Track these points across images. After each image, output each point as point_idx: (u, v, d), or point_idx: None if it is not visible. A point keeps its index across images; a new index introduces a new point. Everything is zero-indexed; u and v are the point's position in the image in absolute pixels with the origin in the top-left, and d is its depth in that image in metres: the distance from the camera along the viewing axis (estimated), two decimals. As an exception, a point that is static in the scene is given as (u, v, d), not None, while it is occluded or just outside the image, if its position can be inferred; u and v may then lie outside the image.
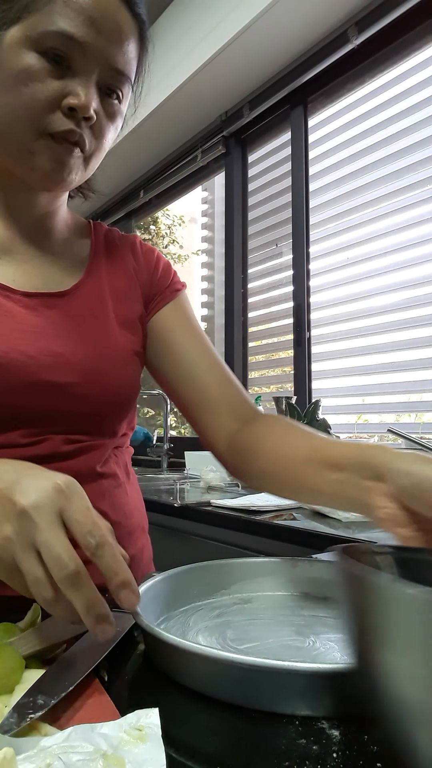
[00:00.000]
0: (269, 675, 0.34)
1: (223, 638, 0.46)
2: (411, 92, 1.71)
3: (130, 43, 0.60)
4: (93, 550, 0.38)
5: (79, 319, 0.66)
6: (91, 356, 0.65)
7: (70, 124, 0.58)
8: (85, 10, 0.56)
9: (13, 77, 0.56)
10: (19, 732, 0.31)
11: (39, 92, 0.56)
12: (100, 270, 0.72)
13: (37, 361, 0.61)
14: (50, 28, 0.56)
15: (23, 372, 0.60)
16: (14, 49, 0.56)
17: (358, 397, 1.87)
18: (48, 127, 0.57)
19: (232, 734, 0.32)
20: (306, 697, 0.34)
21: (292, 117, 2.14)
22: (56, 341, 0.63)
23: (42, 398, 0.61)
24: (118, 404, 0.68)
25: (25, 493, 0.39)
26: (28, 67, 0.56)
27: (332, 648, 0.44)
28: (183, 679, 0.38)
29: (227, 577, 0.57)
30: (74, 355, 0.63)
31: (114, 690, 0.37)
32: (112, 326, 0.69)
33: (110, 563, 0.38)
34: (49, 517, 0.38)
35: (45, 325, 0.63)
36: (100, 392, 0.65)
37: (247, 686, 0.35)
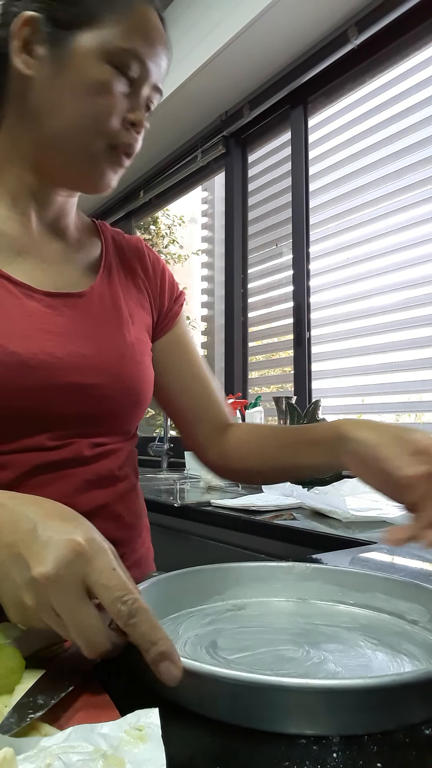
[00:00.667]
0: (253, 690, 0.32)
1: (213, 648, 0.44)
2: (411, 92, 1.71)
3: (166, 62, 0.66)
4: (126, 619, 0.34)
5: (98, 320, 0.66)
6: (112, 357, 0.65)
7: (131, 138, 0.63)
8: (148, 31, 0.62)
9: (88, 86, 0.60)
10: (19, 732, 0.30)
11: (111, 105, 0.60)
12: (112, 273, 0.72)
13: (64, 362, 0.60)
14: (125, 46, 0.60)
15: (51, 374, 0.59)
16: (89, 59, 0.59)
17: (358, 397, 1.87)
18: (113, 138, 0.62)
19: (233, 734, 0.32)
20: (294, 715, 0.32)
21: (292, 117, 2.14)
22: (79, 342, 0.63)
23: (69, 400, 0.61)
24: (138, 404, 0.69)
25: (43, 559, 0.34)
26: (104, 80, 0.60)
27: (326, 659, 0.42)
28: (165, 693, 0.36)
29: (221, 582, 0.54)
30: (97, 356, 0.63)
31: (114, 690, 0.37)
32: (127, 328, 0.69)
33: (147, 632, 0.34)
34: (73, 589, 0.34)
35: (68, 325, 0.63)
36: (122, 393, 0.66)
37: (231, 702, 0.33)
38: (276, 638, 0.46)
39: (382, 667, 0.41)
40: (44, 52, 0.60)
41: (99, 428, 0.65)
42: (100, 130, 0.61)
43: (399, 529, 0.49)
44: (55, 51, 0.60)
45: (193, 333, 2.82)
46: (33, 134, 0.63)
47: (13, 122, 0.63)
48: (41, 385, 0.59)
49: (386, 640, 0.45)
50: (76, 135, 0.61)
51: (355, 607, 0.52)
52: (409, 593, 0.50)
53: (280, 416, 1.74)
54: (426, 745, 0.31)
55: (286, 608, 0.53)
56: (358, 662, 0.42)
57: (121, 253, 0.76)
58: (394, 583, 0.52)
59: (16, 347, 0.57)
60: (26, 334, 0.59)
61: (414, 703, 0.33)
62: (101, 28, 0.60)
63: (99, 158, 0.62)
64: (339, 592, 0.54)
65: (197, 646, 0.44)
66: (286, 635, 0.47)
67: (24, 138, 0.63)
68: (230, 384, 2.37)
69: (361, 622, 0.50)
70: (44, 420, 0.60)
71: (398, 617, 0.50)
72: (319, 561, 0.77)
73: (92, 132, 0.61)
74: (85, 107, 0.60)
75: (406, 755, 0.30)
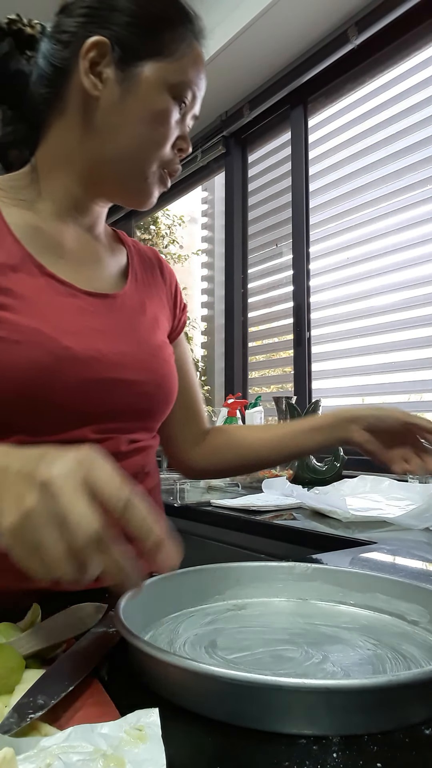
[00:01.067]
0: (252, 690, 0.32)
1: (213, 647, 0.44)
2: (411, 92, 1.71)
3: None
4: (121, 511, 0.36)
5: (132, 320, 0.71)
6: (147, 355, 0.69)
7: (177, 162, 0.70)
8: (199, 65, 0.68)
9: (152, 114, 0.65)
10: (19, 732, 0.31)
11: (168, 133, 0.67)
12: (138, 279, 0.77)
13: (108, 358, 0.64)
14: (185, 80, 0.66)
15: (98, 369, 0.62)
16: (155, 88, 0.65)
17: (358, 397, 1.87)
18: (165, 163, 0.69)
19: (233, 734, 0.32)
20: (293, 715, 0.32)
21: (292, 117, 2.14)
22: (120, 340, 0.66)
23: (112, 395, 0.64)
24: (168, 401, 0.73)
25: (48, 466, 0.37)
26: (167, 110, 0.66)
27: (326, 659, 0.42)
28: (163, 692, 0.36)
29: (221, 582, 0.54)
30: (135, 353, 0.67)
31: (114, 690, 0.37)
32: (154, 330, 0.74)
33: (140, 523, 0.36)
34: (72, 483, 0.36)
35: (107, 324, 0.67)
36: (157, 390, 0.70)
37: (230, 702, 0.33)
38: (276, 638, 0.46)
39: (382, 667, 0.41)
40: (111, 76, 0.65)
41: (135, 424, 0.69)
42: (156, 154, 0.67)
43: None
44: (123, 76, 0.65)
45: (193, 333, 2.82)
46: (89, 149, 0.67)
47: (68, 134, 0.67)
48: (90, 379, 0.62)
49: (386, 641, 0.45)
50: (135, 156, 0.66)
51: (356, 608, 0.52)
52: (410, 594, 0.50)
53: (280, 416, 1.74)
54: (426, 745, 0.31)
55: (287, 608, 0.53)
56: (358, 663, 0.42)
57: (142, 261, 0.81)
58: (394, 583, 0.52)
59: (68, 342, 0.60)
60: (75, 330, 0.62)
61: (414, 703, 0.33)
62: (167, 61, 0.66)
63: (150, 179, 0.68)
64: (339, 593, 0.54)
65: (197, 645, 0.44)
66: (286, 635, 0.47)
67: (77, 150, 0.67)
68: (230, 384, 2.37)
69: (362, 622, 0.50)
70: (90, 413, 0.63)
71: (399, 618, 0.50)
72: (319, 561, 0.77)
73: (149, 155, 0.67)
74: (146, 132, 0.66)
75: (406, 755, 0.30)
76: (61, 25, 0.67)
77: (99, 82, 0.65)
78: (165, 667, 0.35)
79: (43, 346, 0.58)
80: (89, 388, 0.62)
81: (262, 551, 1.15)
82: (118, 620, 0.40)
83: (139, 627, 0.44)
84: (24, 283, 0.61)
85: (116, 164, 0.67)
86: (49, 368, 0.58)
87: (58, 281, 0.64)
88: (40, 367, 0.58)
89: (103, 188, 0.70)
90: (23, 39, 0.69)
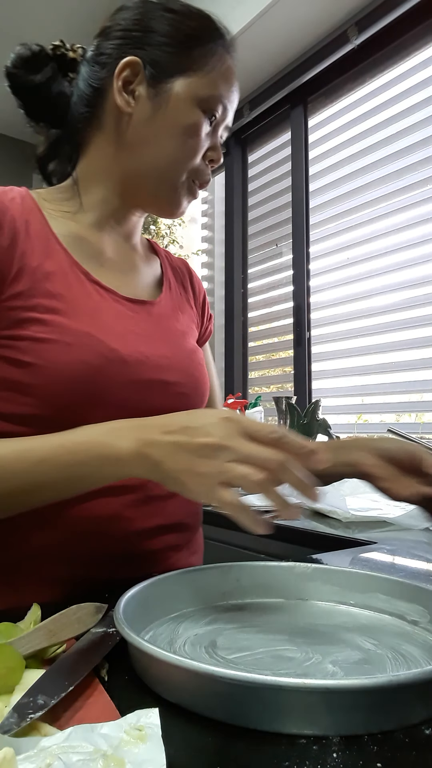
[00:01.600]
0: (251, 690, 0.32)
1: (213, 647, 0.44)
2: (411, 92, 1.71)
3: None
4: (279, 442, 0.46)
5: (168, 326, 0.74)
6: (184, 359, 0.73)
7: (208, 173, 0.73)
8: (231, 79, 0.70)
9: (182, 128, 0.68)
10: (19, 732, 0.30)
11: (198, 146, 0.70)
12: (171, 288, 0.81)
13: (151, 361, 0.68)
14: (215, 93, 0.69)
15: (143, 370, 0.66)
16: (185, 103, 0.68)
17: (358, 397, 1.87)
18: (196, 174, 0.72)
19: (233, 734, 0.32)
20: (293, 715, 0.32)
21: (292, 117, 2.14)
22: (159, 344, 0.70)
23: (155, 395, 0.68)
24: (203, 403, 0.76)
25: (208, 433, 0.46)
26: (197, 124, 0.68)
27: (325, 659, 0.42)
28: (162, 692, 0.36)
29: (222, 582, 0.55)
30: (174, 357, 0.71)
31: (114, 690, 0.37)
32: (186, 335, 0.77)
33: (295, 443, 0.46)
34: (238, 438, 0.46)
35: (148, 328, 0.70)
36: (194, 391, 0.73)
37: (230, 702, 0.33)
38: (275, 638, 0.46)
39: (382, 667, 0.41)
40: (143, 93, 0.68)
41: None
42: (186, 166, 0.70)
43: None
44: (154, 93, 0.68)
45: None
46: (124, 162, 0.71)
47: (105, 149, 0.71)
48: (134, 380, 0.65)
49: (386, 641, 0.45)
50: (167, 169, 0.70)
51: (356, 608, 0.52)
52: (410, 594, 0.50)
53: (280, 416, 1.74)
54: (426, 745, 0.31)
55: (287, 608, 0.53)
56: (358, 663, 0.42)
57: (174, 271, 0.84)
58: (394, 583, 0.52)
59: (115, 344, 0.64)
60: (121, 333, 0.66)
61: (414, 703, 0.33)
62: (196, 76, 0.68)
63: (181, 189, 0.71)
64: (339, 593, 0.54)
65: (197, 645, 0.44)
66: (286, 635, 0.47)
67: (114, 164, 0.71)
68: (230, 384, 2.37)
69: (362, 622, 0.50)
70: (133, 412, 0.64)
71: (398, 618, 0.50)
72: (319, 561, 0.77)
73: (180, 167, 0.70)
74: (177, 146, 0.69)
75: (406, 755, 0.30)
76: (100, 48, 0.71)
77: (132, 100, 0.68)
78: (165, 667, 0.35)
79: (93, 348, 0.62)
80: (134, 389, 0.65)
81: (262, 551, 1.15)
82: (118, 620, 0.40)
83: (139, 627, 0.44)
84: (73, 289, 0.65)
85: (148, 177, 0.70)
86: (98, 369, 0.62)
87: (102, 287, 0.68)
88: (91, 368, 0.61)
89: (138, 199, 0.73)
90: (66, 63, 0.73)
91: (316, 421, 1.67)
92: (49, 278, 0.64)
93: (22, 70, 0.71)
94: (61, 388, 0.60)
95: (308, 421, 1.67)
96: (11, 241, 0.62)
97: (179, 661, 0.34)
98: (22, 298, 0.61)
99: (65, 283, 0.65)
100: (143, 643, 0.36)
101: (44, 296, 0.62)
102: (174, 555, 0.71)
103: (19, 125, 0.76)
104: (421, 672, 0.33)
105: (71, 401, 0.61)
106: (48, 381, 0.60)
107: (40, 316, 0.61)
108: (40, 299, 0.62)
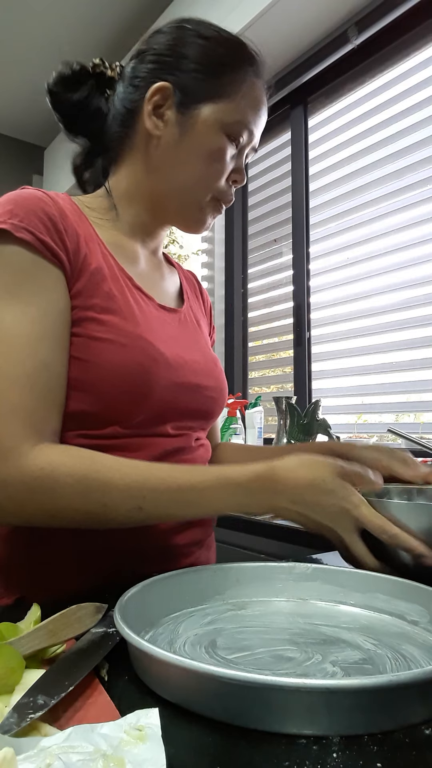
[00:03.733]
0: (251, 690, 0.32)
1: (213, 647, 0.44)
2: (411, 92, 1.70)
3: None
4: (389, 538, 0.54)
5: (195, 333, 0.79)
6: (210, 363, 0.77)
7: (231, 193, 0.76)
8: (258, 104, 0.73)
9: (207, 152, 0.71)
10: (19, 732, 0.31)
11: (223, 169, 0.72)
12: (189, 298, 0.85)
13: (188, 365, 0.72)
14: (241, 120, 0.71)
15: (182, 373, 0.70)
16: (211, 128, 0.70)
17: (358, 397, 1.87)
18: (220, 195, 0.74)
19: (233, 734, 0.32)
20: (293, 715, 0.32)
21: (292, 117, 2.14)
22: (191, 349, 0.74)
23: (190, 396, 0.72)
24: (223, 405, 0.80)
25: (326, 516, 0.56)
26: (221, 149, 0.71)
27: (325, 659, 0.42)
28: (162, 692, 0.36)
29: (221, 582, 0.55)
30: (203, 361, 0.75)
31: (114, 690, 0.37)
32: (208, 343, 0.83)
33: (406, 540, 0.54)
34: (365, 507, 0.55)
35: (179, 335, 0.75)
36: (219, 394, 0.78)
37: (230, 702, 0.33)
38: (276, 638, 0.46)
39: (382, 667, 0.41)
40: (172, 118, 0.71)
41: (201, 423, 0.76)
42: (211, 188, 0.73)
43: None
44: (182, 117, 0.71)
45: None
46: (152, 182, 0.74)
47: (136, 168, 0.75)
48: (176, 383, 0.69)
49: (386, 641, 0.45)
50: (193, 189, 0.73)
51: (356, 608, 0.52)
52: (410, 594, 0.50)
53: (280, 416, 1.74)
54: (426, 745, 0.31)
55: (287, 608, 0.53)
56: (358, 663, 0.42)
57: (188, 282, 0.89)
58: (394, 583, 0.52)
59: (162, 348, 0.68)
60: (163, 338, 0.69)
61: (414, 703, 0.33)
62: (223, 103, 0.70)
63: (205, 208, 0.74)
64: (339, 593, 0.54)
65: (197, 645, 0.44)
66: (286, 635, 0.47)
67: (143, 183, 0.75)
68: (230, 384, 2.37)
69: (362, 622, 0.50)
70: (172, 411, 0.70)
71: (399, 618, 0.50)
72: (319, 561, 0.77)
73: (205, 188, 0.73)
74: (203, 169, 0.71)
75: (406, 755, 0.30)
76: (135, 70, 0.73)
77: (161, 123, 0.71)
78: (165, 667, 0.35)
79: (145, 350, 0.66)
80: (174, 390, 0.69)
81: (262, 551, 1.15)
82: (118, 620, 0.40)
83: (139, 627, 0.44)
84: (122, 292, 0.69)
85: (175, 197, 0.74)
86: (147, 370, 0.65)
87: (143, 294, 0.72)
88: (142, 369, 0.65)
89: (166, 216, 0.77)
90: (104, 80, 0.76)
91: (316, 421, 1.67)
92: (105, 280, 0.67)
93: (61, 87, 0.74)
94: (112, 386, 0.63)
95: (308, 421, 1.67)
96: (76, 245, 0.65)
97: (179, 661, 0.34)
98: (82, 298, 0.64)
99: (117, 286, 0.68)
100: (143, 643, 0.36)
101: (101, 297, 0.65)
102: (197, 551, 0.74)
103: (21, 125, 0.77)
104: (421, 672, 0.33)
105: (120, 399, 0.64)
106: (101, 378, 0.63)
107: (97, 316, 0.64)
108: (97, 299, 0.65)
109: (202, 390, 0.74)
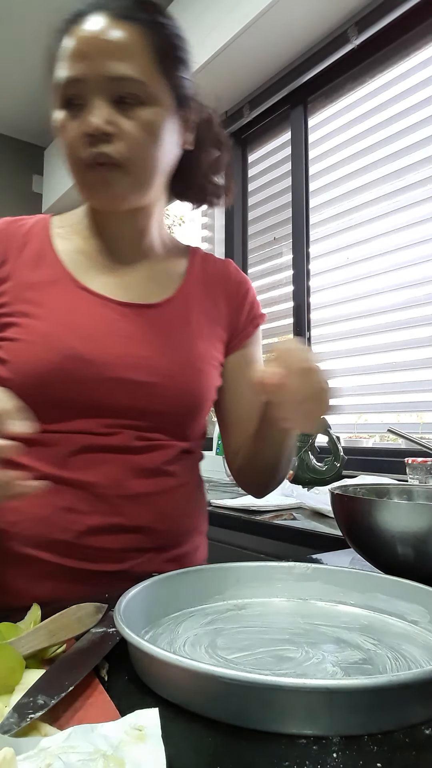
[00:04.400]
0: (251, 690, 0.32)
1: (213, 647, 0.44)
2: (411, 92, 1.70)
3: (129, 49, 0.66)
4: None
5: (166, 329, 0.75)
6: (171, 362, 0.73)
7: (91, 149, 0.66)
8: (76, 50, 0.65)
9: (58, 134, 0.70)
10: (19, 732, 0.31)
11: (70, 138, 0.68)
12: (192, 292, 0.80)
13: (120, 360, 0.70)
14: (57, 81, 0.67)
15: (105, 369, 0.69)
16: (54, 113, 0.69)
17: (358, 397, 1.87)
18: (80, 161, 0.68)
19: (233, 734, 0.32)
20: (293, 715, 0.32)
21: (292, 117, 2.14)
22: (142, 345, 0.72)
23: (118, 393, 0.69)
24: (190, 407, 0.75)
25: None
26: (58, 122, 0.69)
27: (325, 659, 0.42)
28: (162, 692, 0.36)
29: (221, 582, 0.55)
30: (156, 358, 0.72)
31: (114, 690, 0.37)
32: (195, 340, 0.77)
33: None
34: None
35: (133, 330, 0.72)
36: (176, 394, 0.72)
37: (230, 702, 0.33)
38: (276, 638, 0.46)
39: (382, 667, 0.41)
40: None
41: (147, 423, 0.72)
42: (72, 160, 0.69)
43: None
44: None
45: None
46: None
47: None
48: (93, 378, 0.68)
49: (386, 641, 0.45)
50: (70, 171, 0.71)
51: (356, 608, 0.52)
52: (410, 594, 0.50)
53: (280, 416, 1.74)
54: (426, 745, 0.31)
55: (287, 608, 0.53)
56: (358, 663, 0.42)
57: (207, 274, 0.84)
58: (394, 583, 0.52)
59: (76, 344, 0.68)
60: (92, 335, 0.69)
61: (414, 703, 0.33)
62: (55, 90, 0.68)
63: (84, 181, 0.70)
64: (339, 593, 0.54)
65: (197, 645, 0.44)
66: (286, 635, 0.47)
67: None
68: (230, 384, 2.37)
69: (362, 622, 0.50)
70: (93, 407, 0.69)
71: (399, 618, 0.50)
72: (319, 561, 0.77)
73: (70, 165, 0.70)
74: (63, 150, 0.70)
75: (406, 755, 0.30)
76: None
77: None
78: (165, 667, 0.35)
79: (52, 346, 0.68)
80: (92, 386, 0.68)
81: (262, 551, 1.15)
82: (118, 620, 0.40)
83: (139, 627, 0.44)
84: (58, 296, 0.71)
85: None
86: (58, 366, 0.67)
87: (89, 293, 0.72)
88: (51, 365, 0.67)
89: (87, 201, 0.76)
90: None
91: (316, 421, 1.66)
92: (34, 288, 0.71)
93: None
94: (29, 383, 0.67)
95: (308, 421, 1.66)
96: (2, 258, 0.72)
97: (179, 661, 0.34)
98: (6, 306, 0.71)
99: (53, 291, 0.71)
100: (143, 643, 0.36)
101: (25, 303, 0.70)
102: (140, 556, 0.70)
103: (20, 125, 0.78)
104: (421, 672, 0.33)
105: (40, 395, 0.67)
106: (19, 376, 0.67)
107: (18, 320, 0.70)
108: (20, 306, 0.70)
109: (142, 387, 0.70)
